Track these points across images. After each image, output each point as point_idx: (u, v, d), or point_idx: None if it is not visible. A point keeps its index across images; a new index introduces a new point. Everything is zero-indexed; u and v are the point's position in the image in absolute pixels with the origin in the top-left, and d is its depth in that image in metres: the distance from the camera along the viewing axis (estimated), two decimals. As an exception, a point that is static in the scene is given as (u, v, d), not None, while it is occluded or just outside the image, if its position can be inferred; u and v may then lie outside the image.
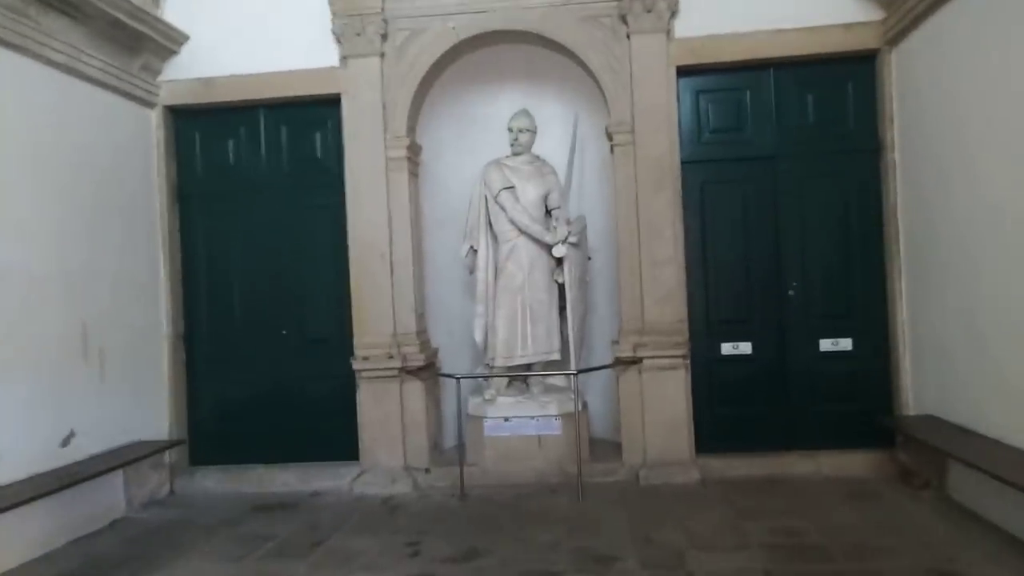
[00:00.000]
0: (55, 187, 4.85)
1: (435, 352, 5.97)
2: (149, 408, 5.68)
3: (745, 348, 5.57)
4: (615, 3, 5.43)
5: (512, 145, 5.77)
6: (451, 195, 6.13)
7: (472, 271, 5.88)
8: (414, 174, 5.88)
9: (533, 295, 5.65)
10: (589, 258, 5.88)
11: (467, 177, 5.96)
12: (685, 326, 5.44)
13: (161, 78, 5.83)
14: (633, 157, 5.45)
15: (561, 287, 5.67)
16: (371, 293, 5.64)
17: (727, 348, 5.59)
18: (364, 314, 5.65)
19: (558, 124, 6.03)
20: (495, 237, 5.77)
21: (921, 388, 5.11)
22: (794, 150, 5.49)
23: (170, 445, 5.68)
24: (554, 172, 5.83)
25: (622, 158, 5.50)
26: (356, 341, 5.66)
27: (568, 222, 5.58)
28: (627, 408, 5.49)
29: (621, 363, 5.50)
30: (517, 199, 5.63)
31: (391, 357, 5.56)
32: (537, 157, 5.85)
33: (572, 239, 5.50)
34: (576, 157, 5.76)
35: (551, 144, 5.92)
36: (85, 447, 4.97)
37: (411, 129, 5.77)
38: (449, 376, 5.47)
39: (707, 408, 5.52)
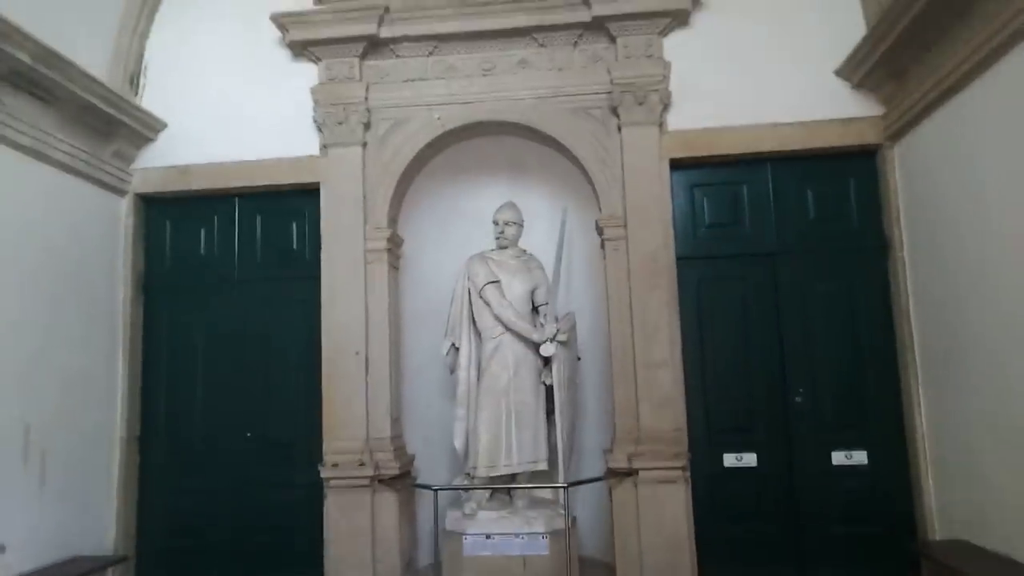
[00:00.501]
0: (12, 274, 4.53)
1: (411, 460, 5.48)
2: (93, 519, 5.15)
3: (750, 460, 5.10)
4: (606, 95, 5.26)
5: (498, 238, 5.48)
6: (432, 289, 5.79)
7: (453, 370, 5.47)
8: (394, 267, 5.57)
9: (519, 397, 5.21)
10: (579, 358, 5.48)
11: (449, 271, 5.63)
12: (684, 435, 4.99)
13: (134, 165, 5.60)
14: (626, 252, 5.15)
15: (549, 389, 5.24)
16: (344, 394, 5.22)
17: (730, 459, 5.12)
18: (335, 417, 5.21)
19: (545, 218, 5.77)
20: (479, 334, 5.39)
21: (947, 507, 4.61)
22: (795, 247, 5.20)
23: (114, 561, 5.13)
24: (541, 267, 5.51)
25: (614, 254, 5.20)
26: (326, 446, 5.19)
27: (557, 319, 5.22)
28: (621, 525, 4.97)
29: (615, 475, 5.02)
30: (503, 294, 5.29)
31: (363, 464, 5.08)
32: (524, 251, 5.55)
33: (561, 337, 5.12)
34: (564, 252, 5.46)
35: (538, 239, 5.63)
36: (15, 564, 4.43)
37: (392, 220, 5.50)
38: (426, 487, 4.97)
39: (711, 525, 4.99)
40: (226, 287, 5.60)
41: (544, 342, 5.10)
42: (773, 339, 5.15)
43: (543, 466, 5.24)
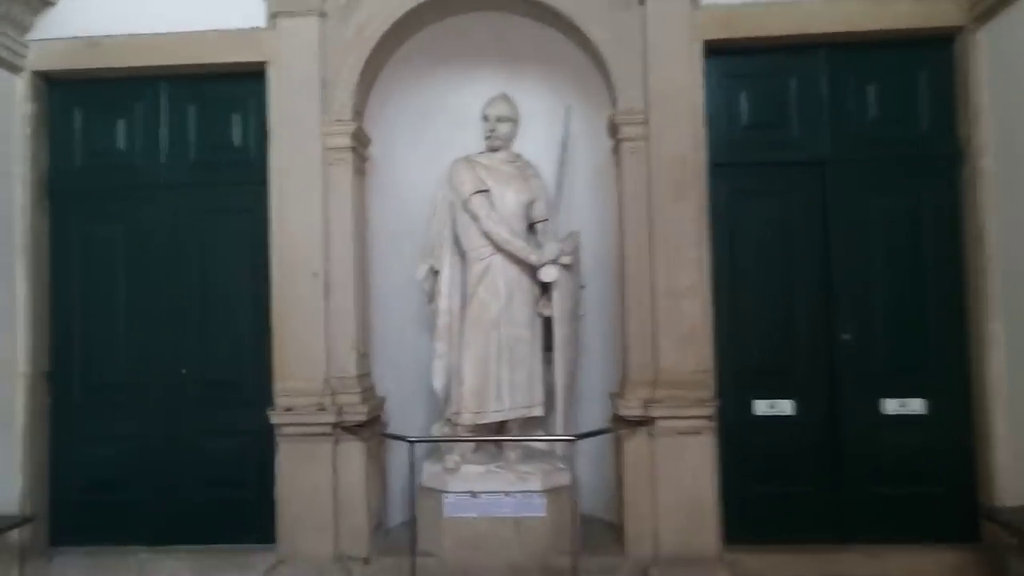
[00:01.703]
0: None
1: (381, 403, 4.59)
2: (-8, 472, 4.23)
3: (785, 407, 4.30)
4: (625, -42, 4.22)
5: (488, 138, 4.48)
6: (407, 203, 4.81)
7: (432, 299, 4.54)
8: (360, 172, 4.56)
9: (512, 331, 4.32)
10: (582, 286, 4.58)
11: (427, 181, 4.64)
12: (711, 377, 4.15)
13: (30, 36, 4.45)
14: (646, 156, 4.20)
15: (547, 322, 4.37)
16: (299, 324, 4.27)
17: (762, 406, 4.31)
18: (288, 352, 4.27)
19: (541, 121, 4.75)
20: (463, 255, 4.45)
21: (1022, 467, 3.88)
22: (851, 154, 4.28)
23: (19, 522, 4.24)
24: (539, 176, 4.55)
25: (631, 157, 4.24)
26: (277, 387, 4.27)
27: (558, 238, 4.30)
28: (633, 483, 4.17)
29: (626, 424, 4.20)
30: (493, 206, 4.33)
31: (323, 409, 4.18)
32: (519, 156, 4.57)
33: (565, 259, 4.21)
34: (568, 158, 4.49)
35: (532, 146, 4.64)
36: None
37: (358, 113, 4.46)
38: (399, 438, 4.09)
39: (737, 484, 4.21)
40: (152, 193, 4.55)
41: (544, 265, 4.18)
42: (819, 265, 4.28)
43: (538, 412, 4.41)
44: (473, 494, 4.23)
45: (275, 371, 4.28)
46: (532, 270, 4.34)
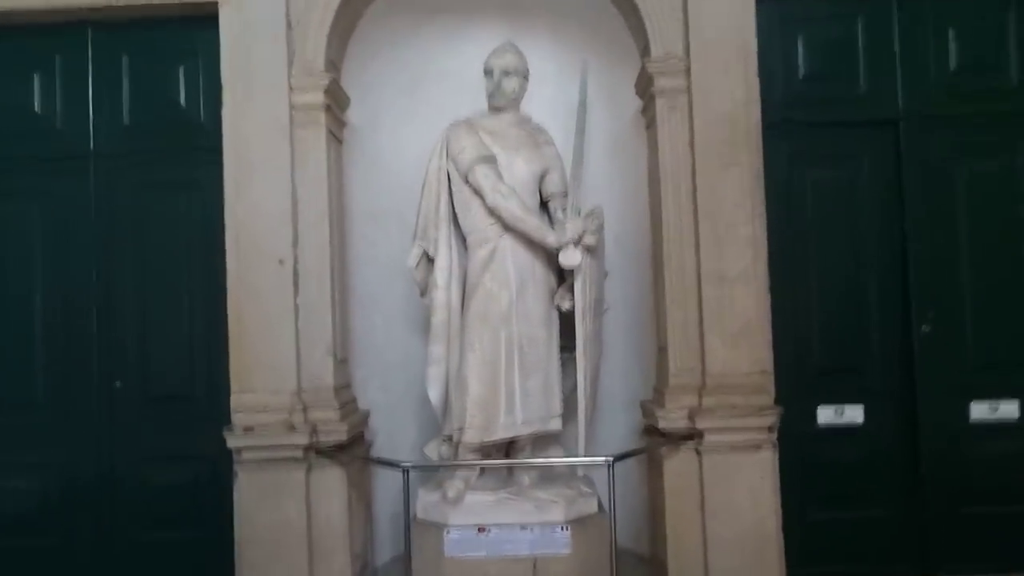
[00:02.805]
0: None
1: (364, 419, 3.79)
2: None
3: (854, 414, 3.59)
4: None
5: (492, 96, 3.67)
6: (394, 178, 4.00)
7: (426, 291, 3.73)
8: (337, 137, 3.75)
9: (524, 329, 3.53)
10: (606, 273, 3.82)
11: (418, 152, 3.82)
12: (771, 380, 3.42)
13: (-82, -35, 3.58)
14: (688, 112, 3.47)
15: (566, 317, 3.60)
16: (261, 324, 3.44)
17: (826, 414, 3.60)
18: (248, 358, 3.44)
19: (550, 82, 3.98)
20: (463, 239, 3.66)
21: None
22: (930, 110, 3.59)
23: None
24: (552, 143, 3.77)
25: (669, 114, 3.51)
26: (234, 401, 3.43)
27: (581, 215, 3.52)
28: (676, 511, 3.42)
29: (665, 439, 3.45)
30: (500, 177, 3.55)
31: (292, 428, 3.36)
32: (528, 118, 3.79)
33: (589, 239, 3.43)
34: (587, 122, 3.72)
35: (539, 114, 3.85)
36: None
37: (333, 65, 3.66)
38: (389, 464, 3.28)
39: (797, 509, 3.48)
40: (77, 164, 3.69)
41: (565, 247, 3.40)
42: (895, 243, 3.60)
43: (556, 425, 3.62)
44: (481, 529, 3.43)
45: (232, 382, 3.44)
46: (548, 255, 3.57)
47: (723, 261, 3.41)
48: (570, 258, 3.38)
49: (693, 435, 3.38)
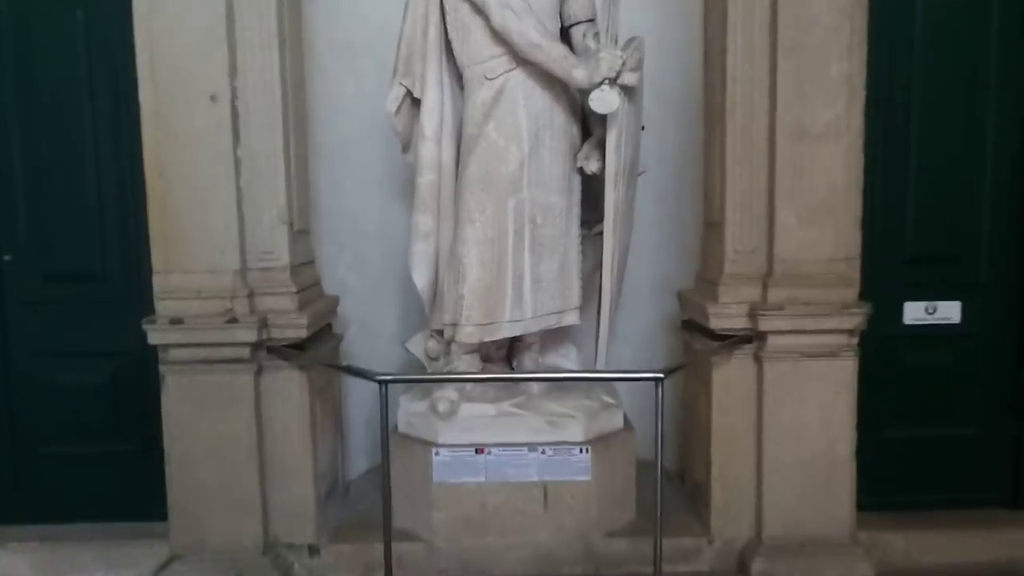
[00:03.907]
0: None
1: (332, 307, 3.01)
2: None
3: (949, 312, 2.85)
4: None
5: None
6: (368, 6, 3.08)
7: (409, 145, 2.87)
8: (291, -68, 2.77)
9: (539, 196, 2.72)
10: (643, 127, 2.95)
11: None
12: (857, 269, 2.65)
13: None
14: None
15: (591, 181, 2.79)
16: (189, 180, 2.56)
17: (914, 311, 2.86)
18: (174, 226, 2.57)
19: None
20: (459, 74, 2.77)
21: None
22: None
23: None
24: (577, -46, 2.82)
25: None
26: (158, 284, 2.60)
27: (617, 43, 2.61)
28: (726, 430, 2.71)
29: (715, 341, 2.70)
30: (512, -10, 2.61)
31: (235, 320, 2.56)
32: None
33: (629, 77, 2.54)
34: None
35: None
36: None
37: None
38: (360, 374, 2.48)
39: (869, 426, 2.78)
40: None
41: (598, 86, 2.52)
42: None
43: (573, 319, 2.89)
44: (478, 449, 2.73)
45: (154, 258, 2.60)
46: (571, 98, 2.74)
47: (806, 110, 2.55)
48: (605, 101, 2.51)
49: (752, 338, 2.64)
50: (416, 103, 2.78)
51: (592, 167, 2.74)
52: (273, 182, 2.64)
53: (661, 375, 2.21)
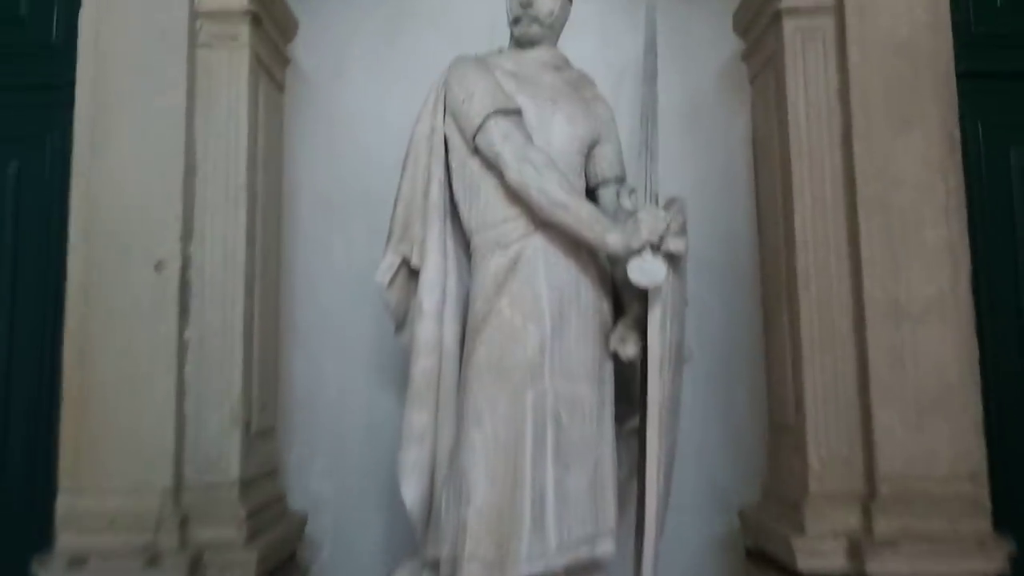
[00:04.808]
0: None
1: (297, 530, 2.35)
2: None
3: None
4: None
5: (516, 20, 2.28)
6: (361, 153, 2.66)
7: (403, 323, 2.33)
8: (274, 79, 2.40)
9: (564, 388, 2.13)
10: (686, 302, 2.42)
11: (397, 121, 2.46)
12: (985, 489, 2.01)
13: None
14: (836, 45, 2.13)
15: (629, 370, 2.24)
16: (118, 368, 2.00)
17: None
18: (91, 429, 1.97)
19: (592, 27, 2.70)
20: (466, 240, 2.28)
21: None
22: None
23: None
24: (604, 100, 2.41)
25: (806, 49, 2.17)
26: (61, 507, 1.95)
27: (657, 201, 2.13)
28: None
29: (803, 584, 2.02)
30: (530, 139, 2.17)
31: (155, 561, 1.89)
32: (567, 61, 2.42)
33: (676, 244, 2.04)
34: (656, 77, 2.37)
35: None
36: None
37: (269, -42, 2.31)
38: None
39: None
40: None
41: (638, 254, 2.01)
42: None
43: (608, 547, 2.18)
44: None
45: (60, 472, 1.98)
46: (599, 269, 2.23)
47: (901, 283, 2.03)
48: (649, 272, 1.99)
49: (855, 582, 1.96)
50: (414, 274, 2.27)
51: (629, 352, 2.18)
52: (228, 371, 2.08)
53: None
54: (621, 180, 2.37)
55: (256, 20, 2.19)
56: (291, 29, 2.47)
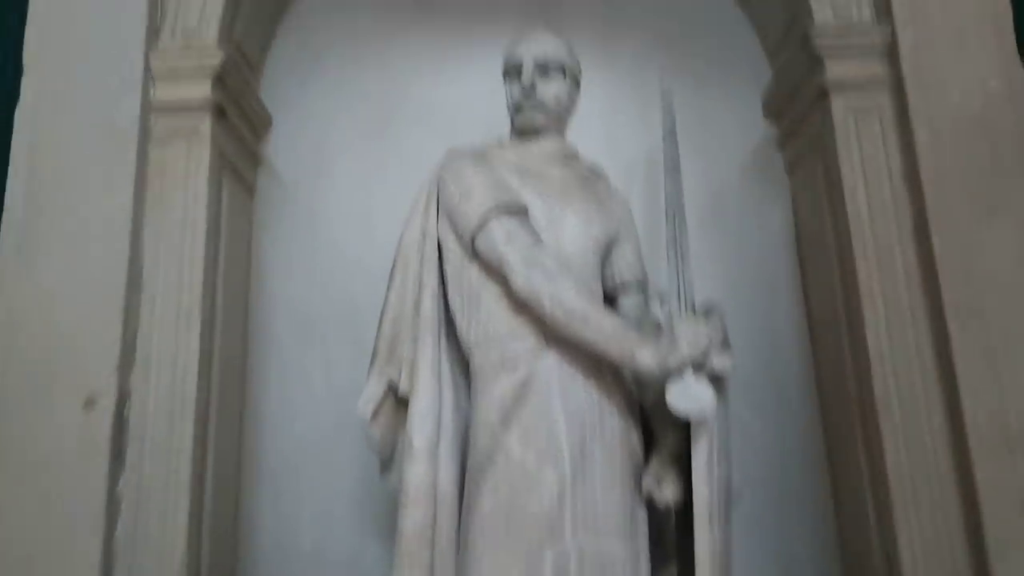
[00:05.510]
0: None
1: None
2: None
3: None
4: None
5: (518, 108, 1.97)
6: (343, 265, 2.33)
7: (389, 464, 1.92)
8: (243, 180, 2.09)
9: (590, 544, 1.70)
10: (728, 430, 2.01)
11: (382, 228, 2.16)
12: None
13: None
14: (896, 121, 1.83)
15: (664, 517, 1.81)
16: (28, 530, 1.59)
17: None
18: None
19: (597, 120, 2.41)
20: (467, 358, 1.89)
21: None
22: None
23: None
24: (620, 195, 2.09)
25: (862, 127, 1.86)
26: None
27: (695, 311, 1.77)
28: None
29: None
30: (538, 239, 1.83)
31: None
32: (577, 152, 2.11)
33: (720, 363, 1.66)
34: (677, 172, 2.06)
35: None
36: None
37: (239, 49, 2.04)
38: None
39: None
40: None
41: (679, 374, 1.63)
42: None
43: None
44: None
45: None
46: (625, 390, 1.84)
47: (1010, 405, 1.64)
48: (693, 397, 1.61)
49: None
50: (403, 402, 1.89)
51: (667, 496, 1.76)
52: (170, 530, 1.67)
53: None
54: (643, 284, 2.04)
55: (220, 112, 1.89)
56: (263, 125, 2.19)
